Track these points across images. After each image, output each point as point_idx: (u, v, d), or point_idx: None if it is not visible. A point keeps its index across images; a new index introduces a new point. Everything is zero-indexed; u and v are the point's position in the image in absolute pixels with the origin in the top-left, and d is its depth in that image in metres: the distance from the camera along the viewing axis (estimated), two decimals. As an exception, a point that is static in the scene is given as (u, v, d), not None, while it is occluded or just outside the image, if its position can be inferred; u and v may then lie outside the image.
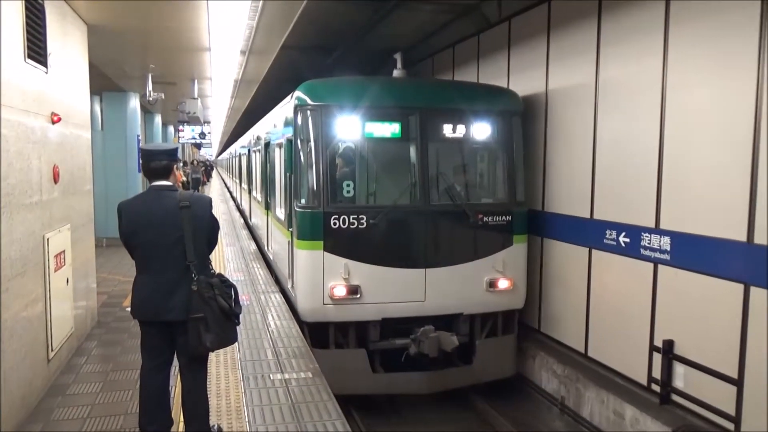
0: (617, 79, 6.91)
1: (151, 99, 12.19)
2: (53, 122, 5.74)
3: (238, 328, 4.04)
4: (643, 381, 6.58)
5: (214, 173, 54.69)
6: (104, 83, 12.72)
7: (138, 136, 14.59)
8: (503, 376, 8.11)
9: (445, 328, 7.38)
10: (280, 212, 9.11)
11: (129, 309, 7.84)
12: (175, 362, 4.16)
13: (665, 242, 6.20)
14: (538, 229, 8.43)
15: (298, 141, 7.36)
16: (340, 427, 4.53)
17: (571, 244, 7.82)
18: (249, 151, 15.97)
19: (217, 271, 4.07)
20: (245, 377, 5.48)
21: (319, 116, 7.21)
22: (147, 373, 4.11)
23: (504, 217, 7.68)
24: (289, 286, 8.04)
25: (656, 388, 6.38)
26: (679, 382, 6.14)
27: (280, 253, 9.05)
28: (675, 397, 6.19)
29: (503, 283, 7.69)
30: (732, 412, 5.49)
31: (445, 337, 7.21)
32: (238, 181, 21.97)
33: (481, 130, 7.78)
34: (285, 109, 8.44)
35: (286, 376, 5.56)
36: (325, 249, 7.05)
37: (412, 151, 7.48)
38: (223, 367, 5.69)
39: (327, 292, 7.07)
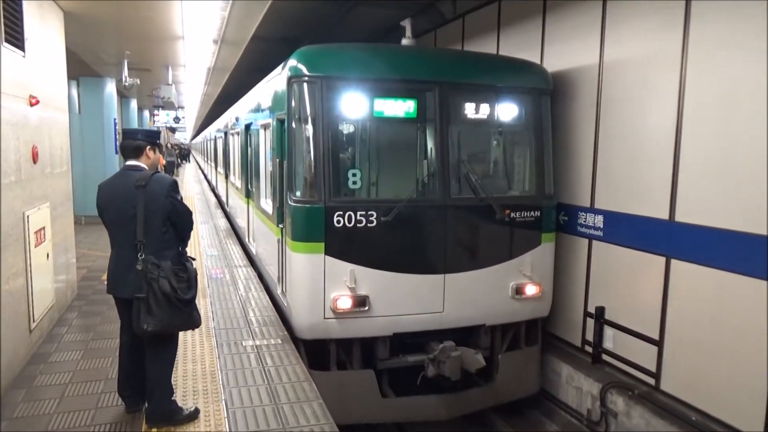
0: (560, 75, 7.03)
1: (126, 84, 11.85)
2: (31, 105, 5.53)
3: (210, 306, 3.87)
4: (578, 343, 6.83)
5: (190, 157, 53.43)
6: (81, 68, 12.29)
7: (114, 119, 14.18)
8: (527, 394, 6.73)
9: (462, 341, 6.02)
10: (266, 204, 7.52)
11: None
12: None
13: (599, 220, 6.41)
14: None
15: (293, 120, 5.72)
16: (307, 388, 4.58)
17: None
18: (226, 134, 14.45)
19: (191, 256, 3.88)
20: (219, 344, 5.46)
21: (320, 90, 5.57)
22: (120, 346, 4.09)
23: (532, 213, 6.24)
24: (279, 291, 6.48)
25: (589, 349, 6.64)
26: (608, 344, 6.40)
27: (267, 250, 7.47)
28: (605, 357, 6.45)
29: (531, 289, 6.26)
30: (653, 369, 5.77)
31: (468, 355, 5.79)
32: (213, 165, 21.09)
33: (508, 111, 6.31)
34: (275, 82, 6.65)
35: (257, 342, 5.57)
36: (327, 252, 5.52)
37: (430, 135, 5.95)
38: (198, 335, 5.66)
39: (329, 305, 5.55)
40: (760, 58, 4.56)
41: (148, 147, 3.96)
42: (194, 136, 60.40)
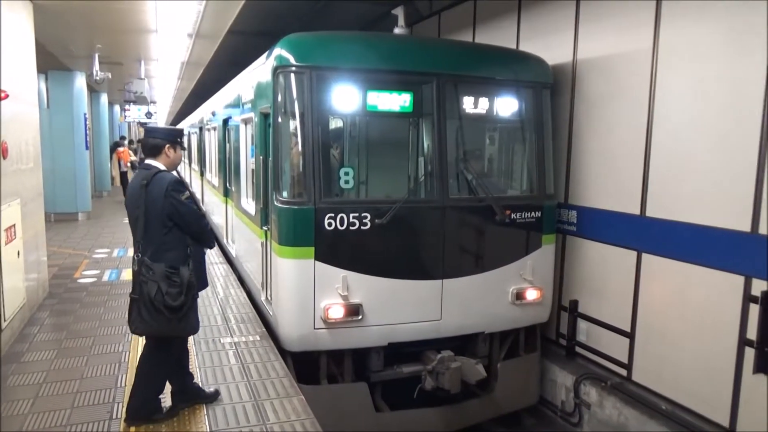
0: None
1: (98, 78, 11.57)
2: (1, 99, 5.38)
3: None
4: (552, 336, 6.97)
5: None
6: (50, 62, 11.96)
7: (85, 114, 13.84)
8: (528, 404, 6.54)
9: (459, 350, 5.79)
10: (248, 204, 7.17)
11: (81, 281, 7.55)
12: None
13: (573, 215, 6.54)
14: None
15: (279, 114, 5.30)
16: (287, 383, 4.59)
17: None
18: (201, 129, 13.96)
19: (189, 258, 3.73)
20: (196, 341, 5.42)
21: (308, 81, 5.16)
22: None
23: (533, 213, 5.97)
24: (263, 298, 6.13)
25: (563, 342, 6.78)
26: (582, 337, 6.54)
27: (249, 253, 7.07)
28: (579, 350, 6.60)
29: (532, 294, 5.98)
30: (625, 360, 5.93)
31: (469, 366, 5.52)
32: (187, 161, 20.65)
33: (508, 105, 6.03)
34: (258, 73, 6.22)
35: (235, 339, 5.55)
36: (317, 257, 5.15)
37: (427, 131, 5.63)
38: (175, 333, 5.60)
39: (319, 314, 5.20)
40: (728, 58, 4.72)
41: (168, 146, 3.87)
42: (166, 132, 58.90)
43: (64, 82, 13.54)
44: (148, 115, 22.77)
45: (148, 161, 3.88)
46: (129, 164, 17.15)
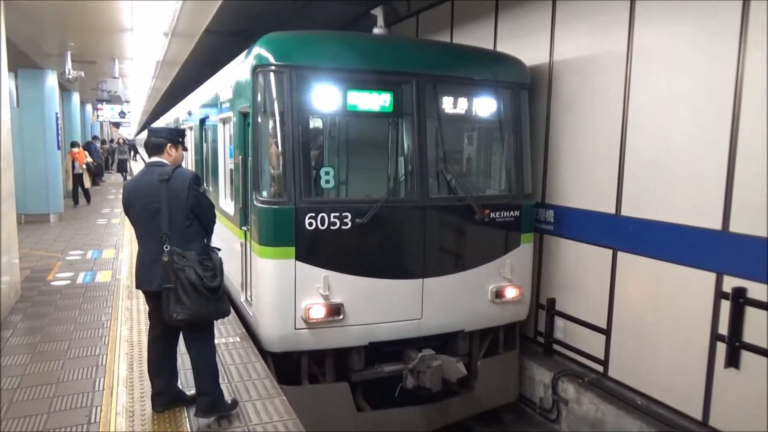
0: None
1: (70, 77, 11.34)
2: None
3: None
4: (530, 334, 7.07)
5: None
6: (20, 60, 11.68)
7: (56, 114, 13.54)
8: (507, 401, 6.63)
9: (439, 348, 5.84)
10: (226, 204, 7.17)
11: (54, 283, 7.40)
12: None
13: (550, 215, 6.65)
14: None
15: (258, 114, 5.29)
16: (268, 384, 4.57)
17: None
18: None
19: (211, 247, 3.91)
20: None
21: (288, 80, 5.16)
22: (149, 341, 4.09)
23: (512, 213, 6.07)
24: (243, 299, 6.12)
25: (541, 340, 6.88)
26: (559, 334, 6.65)
27: (227, 254, 6.52)
28: (556, 347, 6.71)
29: (511, 292, 6.09)
30: (602, 356, 6.04)
31: (449, 364, 5.58)
32: None
33: (487, 105, 6.13)
34: (237, 72, 6.19)
35: (215, 341, 5.46)
36: (298, 257, 5.15)
37: (407, 130, 5.66)
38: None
39: (300, 314, 5.20)
40: (699, 61, 4.86)
41: (170, 144, 3.99)
42: (140, 131, 58.34)
43: (35, 81, 13.23)
44: (122, 114, 22.37)
45: (154, 159, 3.97)
46: (84, 166, 16.53)
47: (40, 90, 13.30)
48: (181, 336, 4.04)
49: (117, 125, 40.55)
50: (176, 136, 4.07)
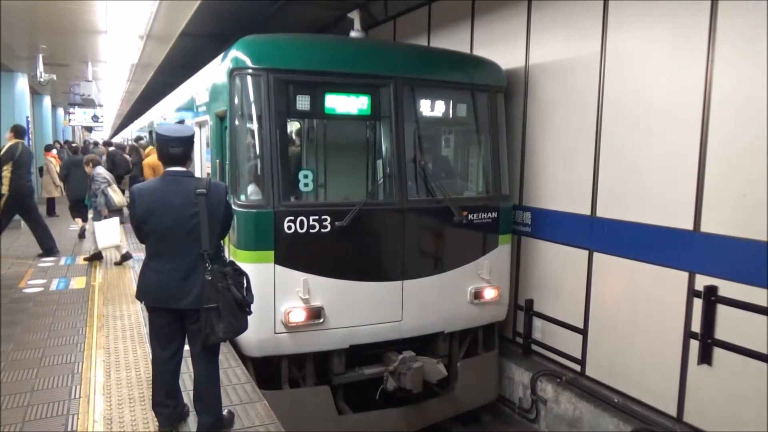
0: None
1: (41, 80, 11.13)
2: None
3: (141, 312, 3.76)
4: (509, 335, 7.15)
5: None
6: (-12, 62, 11.45)
7: (27, 117, 13.27)
8: (487, 401, 6.70)
9: (419, 350, 5.88)
10: None
11: (26, 290, 7.20)
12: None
13: (527, 217, 6.74)
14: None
15: (236, 117, 5.28)
16: (249, 389, 4.55)
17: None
18: (151, 132, 13.52)
19: (229, 259, 3.80)
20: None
21: (265, 84, 5.13)
22: (158, 359, 3.75)
23: (490, 214, 6.14)
24: None
25: (520, 340, 6.97)
26: (538, 335, 6.74)
27: None
28: (535, 347, 6.80)
29: (489, 293, 6.16)
30: (579, 356, 6.14)
31: (430, 366, 5.65)
32: None
33: (464, 108, 6.26)
34: (213, 75, 6.12)
35: (195, 346, 5.43)
36: (277, 261, 5.12)
37: (385, 133, 5.71)
38: (129, 342, 5.45)
39: (280, 318, 5.19)
40: (669, 65, 4.99)
41: (191, 153, 3.84)
42: (113, 135, 57.37)
43: (5, 84, 12.99)
44: (95, 118, 21.99)
45: (178, 168, 3.65)
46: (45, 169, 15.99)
47: (11, 93, 13.05)
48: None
49: (89, 129, 39.83)
50: (192, 143, 3.85)
